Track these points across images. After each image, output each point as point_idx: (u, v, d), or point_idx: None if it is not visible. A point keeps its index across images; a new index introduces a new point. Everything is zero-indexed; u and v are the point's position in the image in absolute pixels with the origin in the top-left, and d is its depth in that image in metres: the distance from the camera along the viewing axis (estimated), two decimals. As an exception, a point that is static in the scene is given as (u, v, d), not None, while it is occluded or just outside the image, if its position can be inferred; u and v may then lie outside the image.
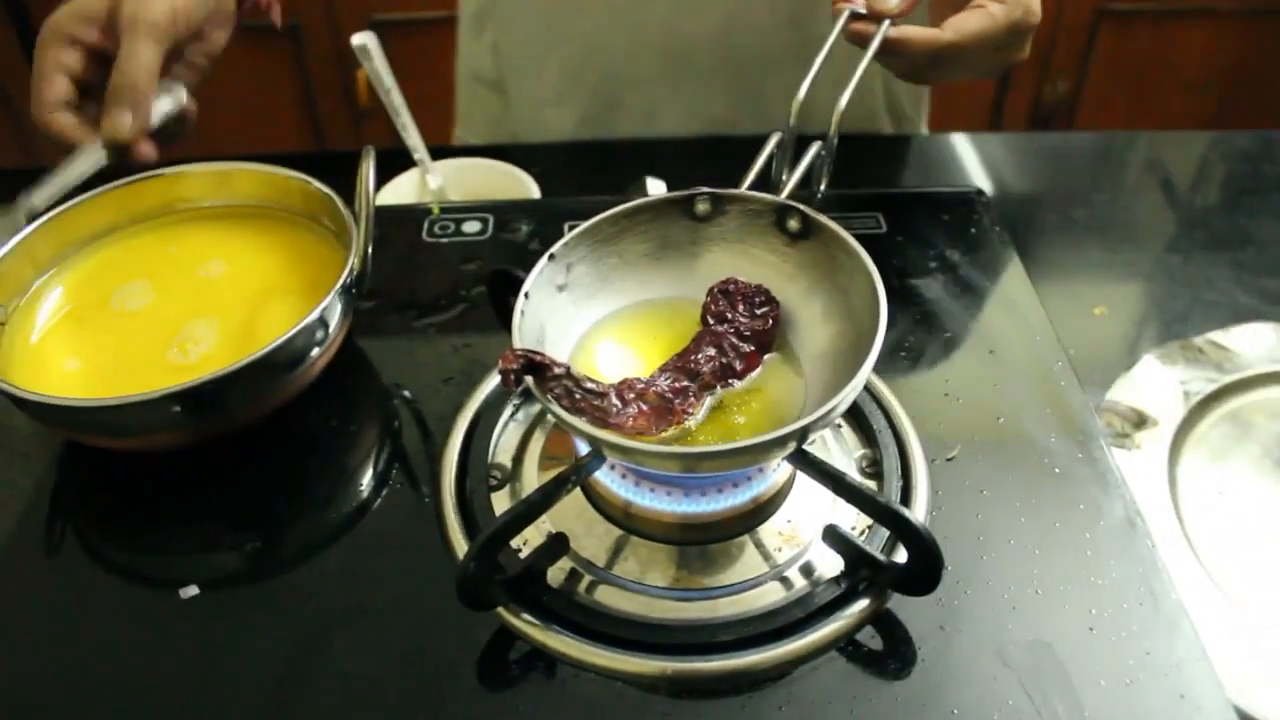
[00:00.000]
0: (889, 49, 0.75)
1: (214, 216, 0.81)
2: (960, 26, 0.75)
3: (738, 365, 0.62)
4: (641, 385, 0.59)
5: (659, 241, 0.67)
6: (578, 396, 0.56)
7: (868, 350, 0.55)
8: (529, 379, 0.56)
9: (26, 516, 0.68)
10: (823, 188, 0.74)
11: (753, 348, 0.63)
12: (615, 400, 0.58)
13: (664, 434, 0.58)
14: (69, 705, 0.58)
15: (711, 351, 0.62)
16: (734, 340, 0.63)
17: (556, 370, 0.57)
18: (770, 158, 0.71)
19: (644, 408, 0.58)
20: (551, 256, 0.64)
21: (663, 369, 0.62)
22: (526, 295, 0.61)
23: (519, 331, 0.59)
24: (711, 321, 0.64)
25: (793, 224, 0.66)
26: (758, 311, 0.64)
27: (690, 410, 0.59)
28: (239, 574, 0.64)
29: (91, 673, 0.59)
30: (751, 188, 0.68)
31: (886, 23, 0.74)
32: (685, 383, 0.60)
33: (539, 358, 0.56)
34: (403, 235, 0.88)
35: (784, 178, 0.71)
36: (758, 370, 0.63)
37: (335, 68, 1.98)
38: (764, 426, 0.60)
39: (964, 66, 0.77)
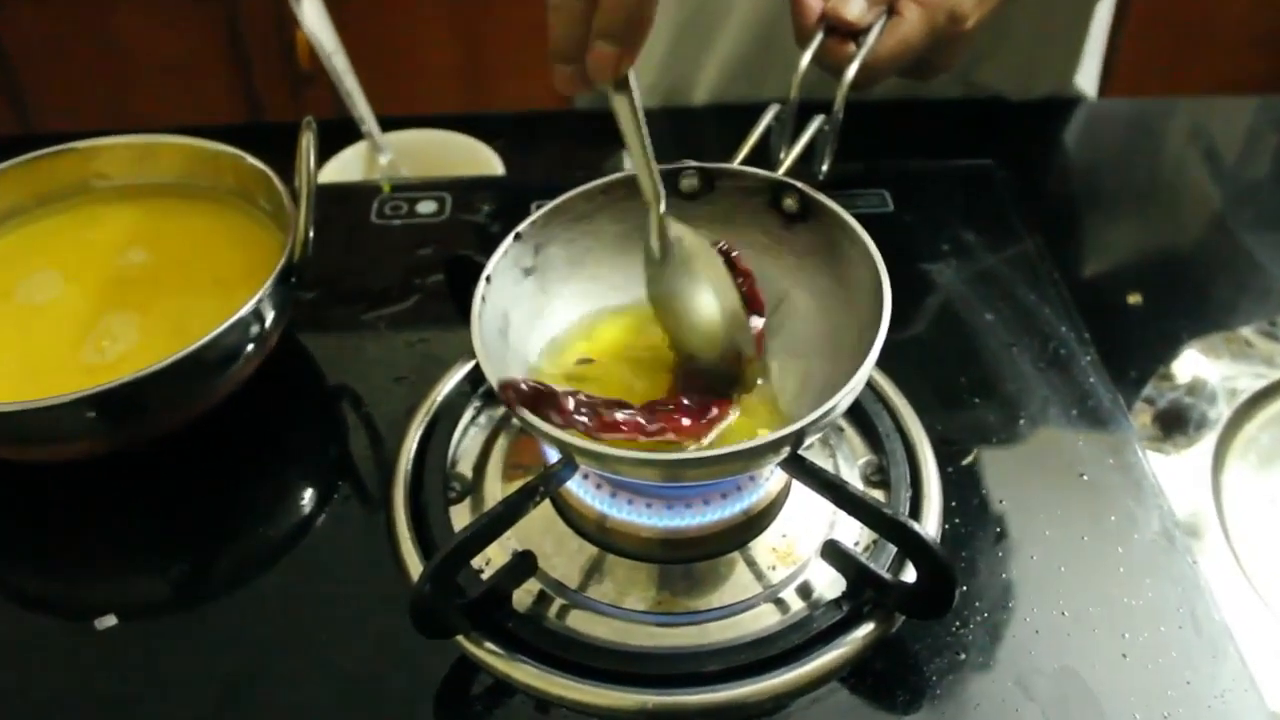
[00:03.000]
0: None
1: (134, 196, 0.81)
2: (874, 53, 0.74)
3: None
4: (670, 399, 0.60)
5: (639, 221, 0.67)
6: (606, 419, 0.57)
7: (870, 345, 0.56)
8: (528, 414, 0.56)
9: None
10: (825, 167, 0.74)
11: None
12: (644, 415, 0.58)
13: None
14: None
15: None
16: None
17: (569, 401, 0.57)
18: (767, 132, 0.71)
19: (687, 407, 0.59)
20: (518, 236, 0.64)
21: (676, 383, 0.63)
22: (488, 280, 0.61)
23: (479, 321, 0.59)
24: None
25: (789, 204, 0.66)
26: None
27: (734, 400, 0.61)
28: (163, 601, 0.64)
29: (-8, 713, 0.59)
30: (746, 164, 0.68)
31: (862, 53, 0.73)
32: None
33: (545, 388, 0.57)
34: (349, 217, 0.88)
35: (782, 155, 0.71)
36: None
37: (272, 26, 1.97)
38: (761, 429, 0.60)
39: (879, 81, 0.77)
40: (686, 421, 0.58)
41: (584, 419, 0.56)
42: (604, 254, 0.67)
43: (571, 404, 0.57)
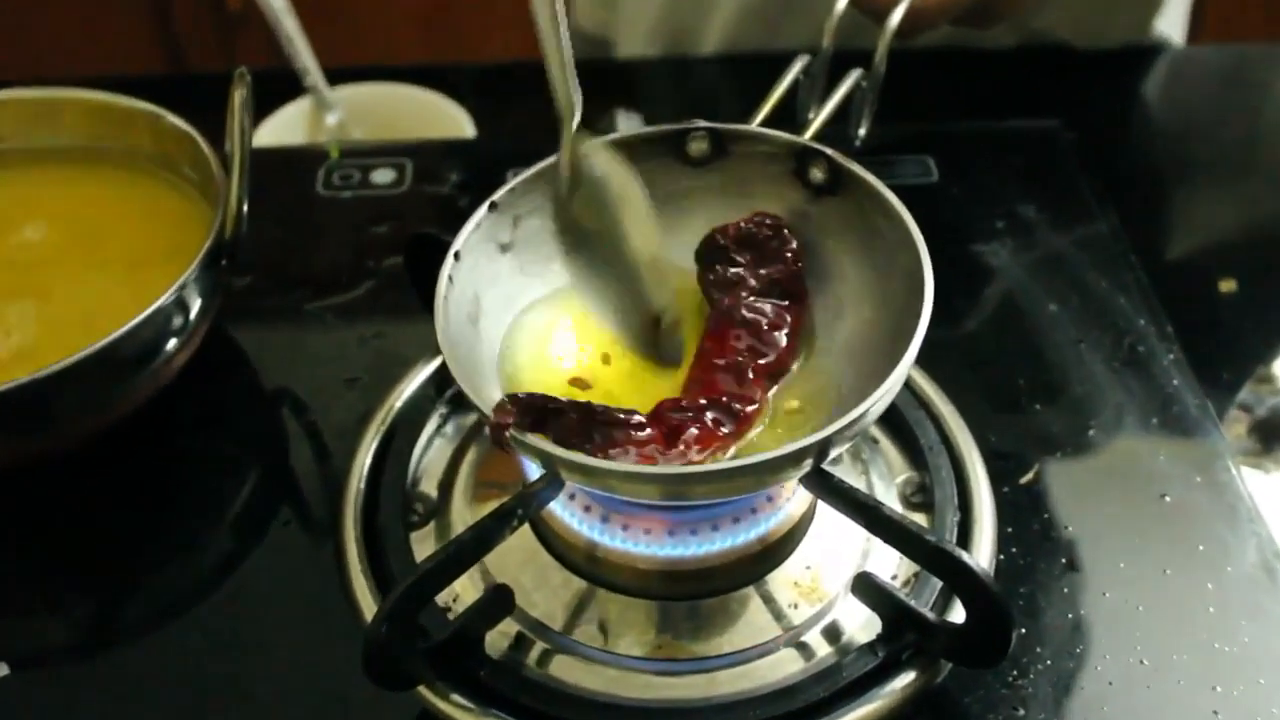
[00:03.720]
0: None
1: (31, 162, 0.81)
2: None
3: (781, 335, 0.63)
4: (685, 400, 0.60)
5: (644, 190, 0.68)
6: (617, 435, 0.56)
7: (907, 343, 0.56)
8: (531, 437, 0.55)
9: None
10: (862, 131, 0.74)
11: (785, 301, 0.64)
12: (653, 428, 0.57)
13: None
14: None
15: (739, 331, 0.63)
16: (756, 305, 0.63)
17: (571, 414, 0.56)
18: (794, 87, 0.71)
19: (710, 418, 0.58)
20: (493, 206, 0.65)
21: (691, 381, 0.62)
22: (457, 257, 0.62)
23: (445, 305, 0.60)
24: (718, 295, 0.64)
25: (817, 173, 0.66)
26: (770, 248, 0.64)
27: (758, 404, 0.60)
28: (68, 647, 0.65)
29: None
30: (767, 126, 0.68)
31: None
32: (737, 377, 0.61)
33: (542, 401, 0.56)
34: (290, 187, 0.88)
35: (810, 115, 0.71)
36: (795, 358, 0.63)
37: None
38: (784, 438, 0.60)
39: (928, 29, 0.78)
40: (694, 431, 0.58)
41: (595, 437, 0.56)
42: None
43: (577, 418, 0.56)
